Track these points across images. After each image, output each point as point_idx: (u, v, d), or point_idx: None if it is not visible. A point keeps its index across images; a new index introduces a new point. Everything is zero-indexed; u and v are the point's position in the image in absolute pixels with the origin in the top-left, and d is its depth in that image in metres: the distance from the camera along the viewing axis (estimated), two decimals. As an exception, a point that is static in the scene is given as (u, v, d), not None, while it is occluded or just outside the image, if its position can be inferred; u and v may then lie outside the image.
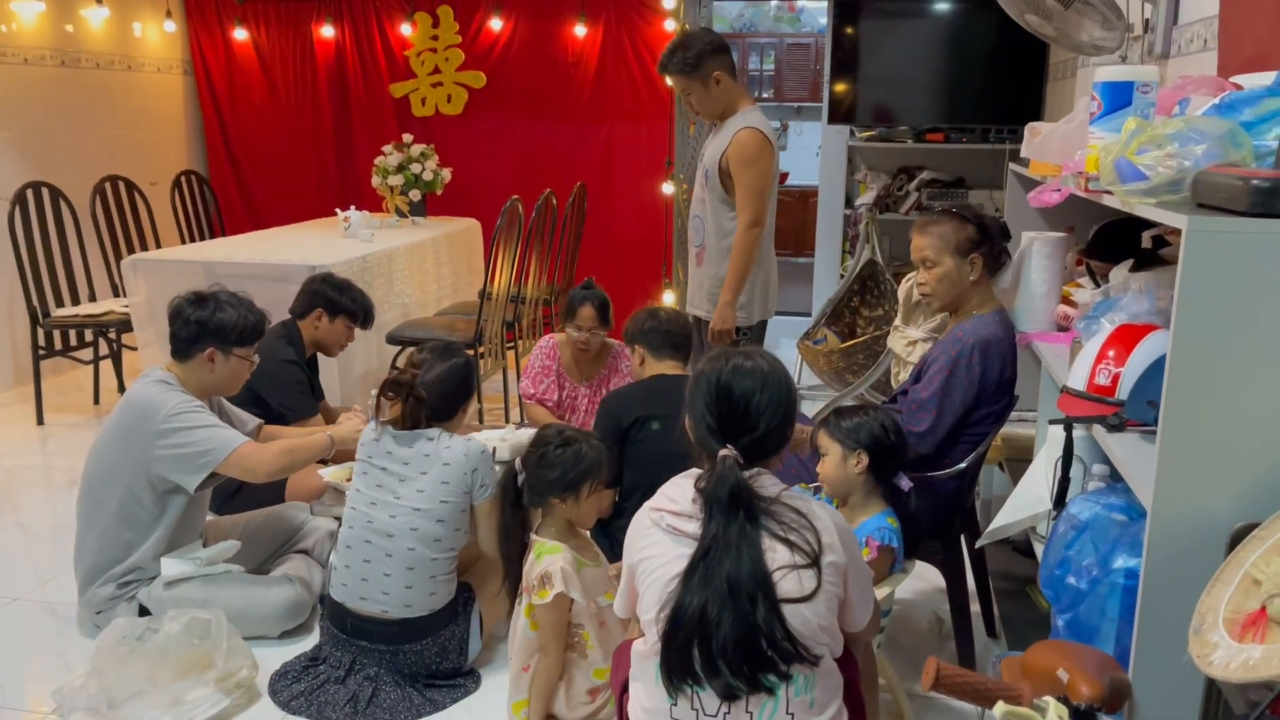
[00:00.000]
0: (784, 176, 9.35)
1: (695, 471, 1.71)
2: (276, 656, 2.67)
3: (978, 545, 2.64)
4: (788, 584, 1.59)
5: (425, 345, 2.71)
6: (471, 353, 4.59)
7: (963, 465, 2.50)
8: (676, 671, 1.60)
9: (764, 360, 1.73)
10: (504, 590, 2.46)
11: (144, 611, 2.74)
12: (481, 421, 4.47)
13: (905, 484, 2.34)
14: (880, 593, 2.10)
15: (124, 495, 2.74)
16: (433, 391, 2.58)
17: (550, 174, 5.99)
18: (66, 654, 2.76)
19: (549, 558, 2.28)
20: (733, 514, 1.61)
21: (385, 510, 2.52)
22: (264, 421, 3.09)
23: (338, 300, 3.56)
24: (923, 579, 3.07)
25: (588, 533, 2.53)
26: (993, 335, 2.51)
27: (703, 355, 2.44)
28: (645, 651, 1.68)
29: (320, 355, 3.68)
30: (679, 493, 1.70)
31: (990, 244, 2.57)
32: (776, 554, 1.60)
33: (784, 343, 5.38)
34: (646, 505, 1.74)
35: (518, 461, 2.42)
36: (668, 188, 5.51)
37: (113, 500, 2.75)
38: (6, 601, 3.05)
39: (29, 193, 4.75)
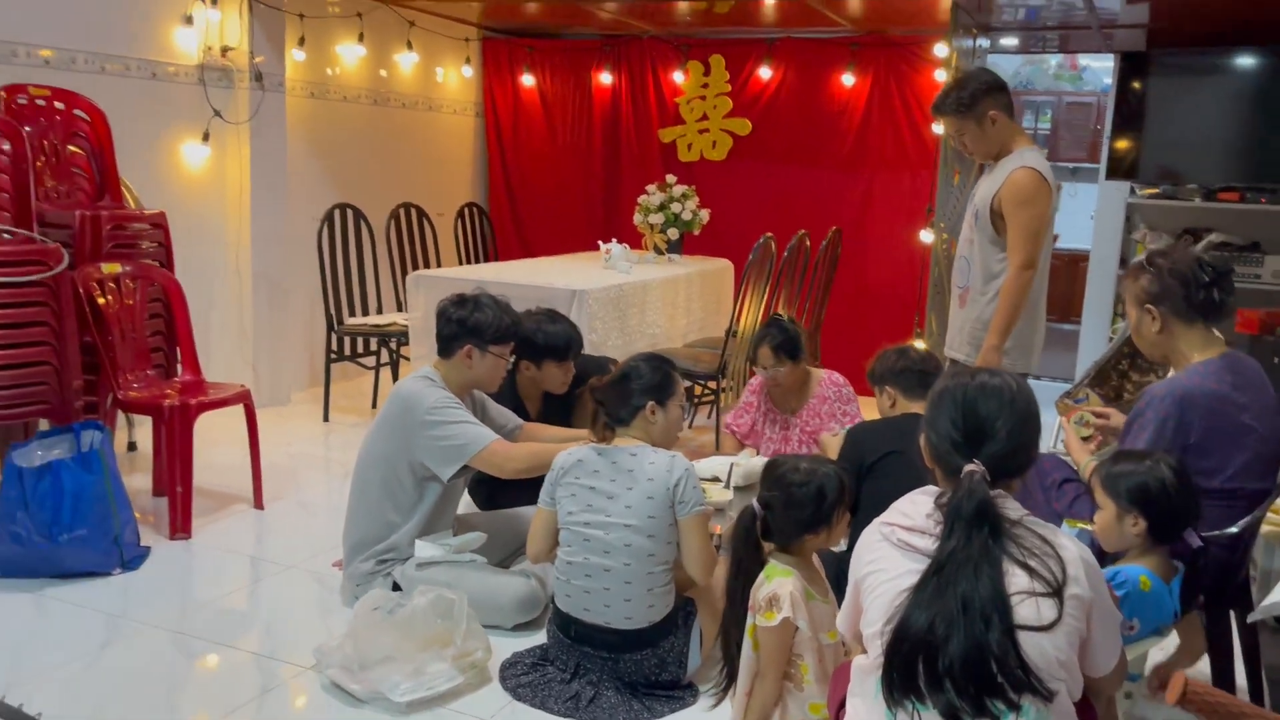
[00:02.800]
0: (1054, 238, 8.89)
1: (933, 489, 1.67)
2: (508, 647, 2.81)
3: (1249, 620, 2.39)
4: (1025, 610, 1.51)
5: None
6: (715, 385, 4.70)
7: (1233, 530, 2.28)
8: (898, 686, 1.56)
9: (1010, 378, 1.68)
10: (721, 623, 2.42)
11: (396, 588, 2.97)
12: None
13: (1194, 541, 2.14)
14: (1132, 652, 1.95)
15: (388, 479, 2.99)
16: (608, 396, 2.68)
17: (807, 220, 6.00)
18: (328, 618, 3.03)
19: (779, 580, 2.25)
20: (976, 530, 1.56)
21: (599, 528, 2.59)
22: (524, 424, 3.27)
23: (535, 343, 3.39)
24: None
25: (820, 566, 2.48)
26: (1195, 387, 2.28)
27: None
28: (866, 666, 1.65)
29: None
30: (913, 508, 1.67)
31: (1177, 293, 2.36)
32: (1015, 578, 1.54)
33: (1042, 409, 5.09)
34: (876, 520, 1.71)
35: (756, 504, 2.39)
36: (926, 236, 5.39)
37: (377, 483, 3.01)
38: (283, 568, 3.39)
39: (336, 213, 5.32)
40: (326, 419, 5.19)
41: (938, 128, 5.36)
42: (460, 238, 6.35)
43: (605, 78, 6.80)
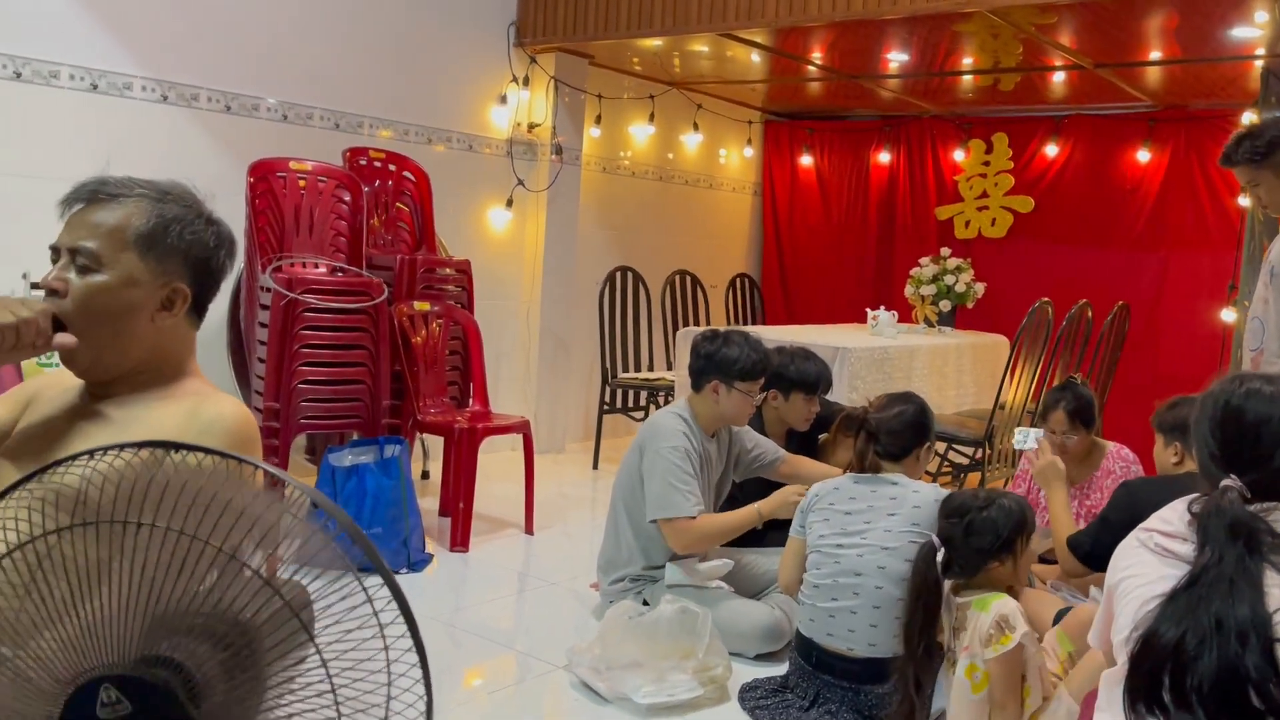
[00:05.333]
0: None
1: (1193, 495, 1.59)
2: (749, 673, 2.85)
3: None
4: None
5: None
6: (981, 453, 4.55)
7: None
8: (1142, 698, 1.48)
9: None
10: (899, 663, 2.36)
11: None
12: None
13: None
14: None
15: (630, 504, 3.15)
16: (884, 428, 2.66)
17: (1093, 299, 5.75)
18: (581, 628, 3.20)
19: (999, 602, 2.18)
20: (1229, 547, 1.47)
21: (853, 550, 2.60)
22: (786, 455, 3.34)
23: (787, 374, 3.45)
24: None
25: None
26: None
27: None
28: (1114, 677, 1.58)
29: None
30: (1173, 515, 1.59)
31: None
32: (1272, 596, 1.43)
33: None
34: (1137, 528, 1.65)
35: (934, 538, 2.35)
36: (1228, 314, 5.00)
37: (624, 507, 3.17)
38: (546, 585, 3.62)
39: (617, 275, 5.69)
40: (596, 466, 5.48)
41: (1244, 199, 5.00)
42: (730, 306, 6.57)
43: (883, 156, 6.88)
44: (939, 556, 2.28)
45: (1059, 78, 5.49)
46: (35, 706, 0.90)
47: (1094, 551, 2.65)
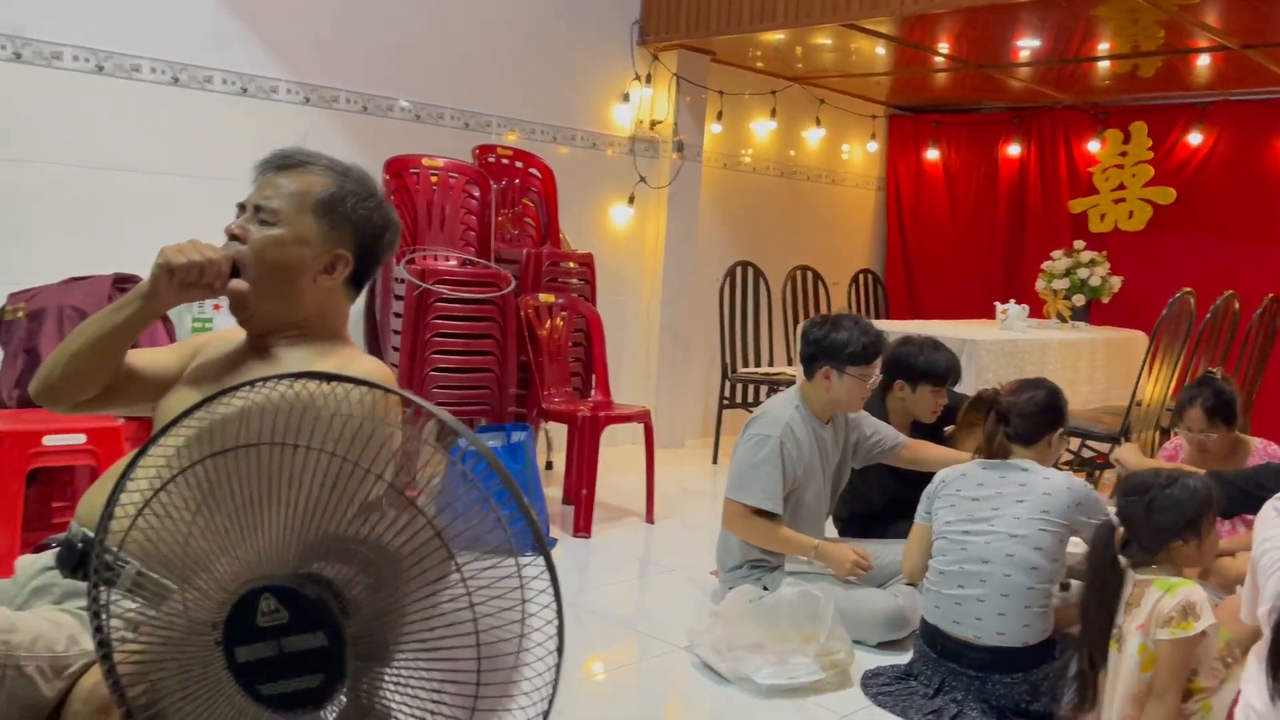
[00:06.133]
0: None
1: None
2: (871, 661, 2.82)
3: None
4: None
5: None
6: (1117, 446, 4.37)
7: None
8: (1285, 672, 1.42)
9: None
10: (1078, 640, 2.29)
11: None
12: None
13: None
14: None
15: None
16: (1015, 411, 2.59)
17: (1241, 293, 5.46)
18: (700, 611, 3.22)
19: (1187, 588, 2.09)
20: None
21: (980, 536, 2.55)
22: (907, 440, 3.29)
23: (915, 364, 3.38)
24: None
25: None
26: None
27: None
28: (1260, 650, 1.51)
29: None
30: None
31: None
32: None
33: None
34: (1273, 498, 1.58)
35: (1114, 516, 2.28)
36: (1393, 308, 4.69)
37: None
38: (666, 570, 3.66)
39: (738, 270, 5.70)
40: (715, 461, 5.49)
41: None
42: (852, 302, 6.50)
43: (1013, 149, 6.70)
44: (1117, 535, 2.22)
45: (1203, 61, 5.24)
46: (205, 612, 0.97)
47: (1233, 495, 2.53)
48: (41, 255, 3.52)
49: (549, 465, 5.08)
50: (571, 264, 4.57)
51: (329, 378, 1.00)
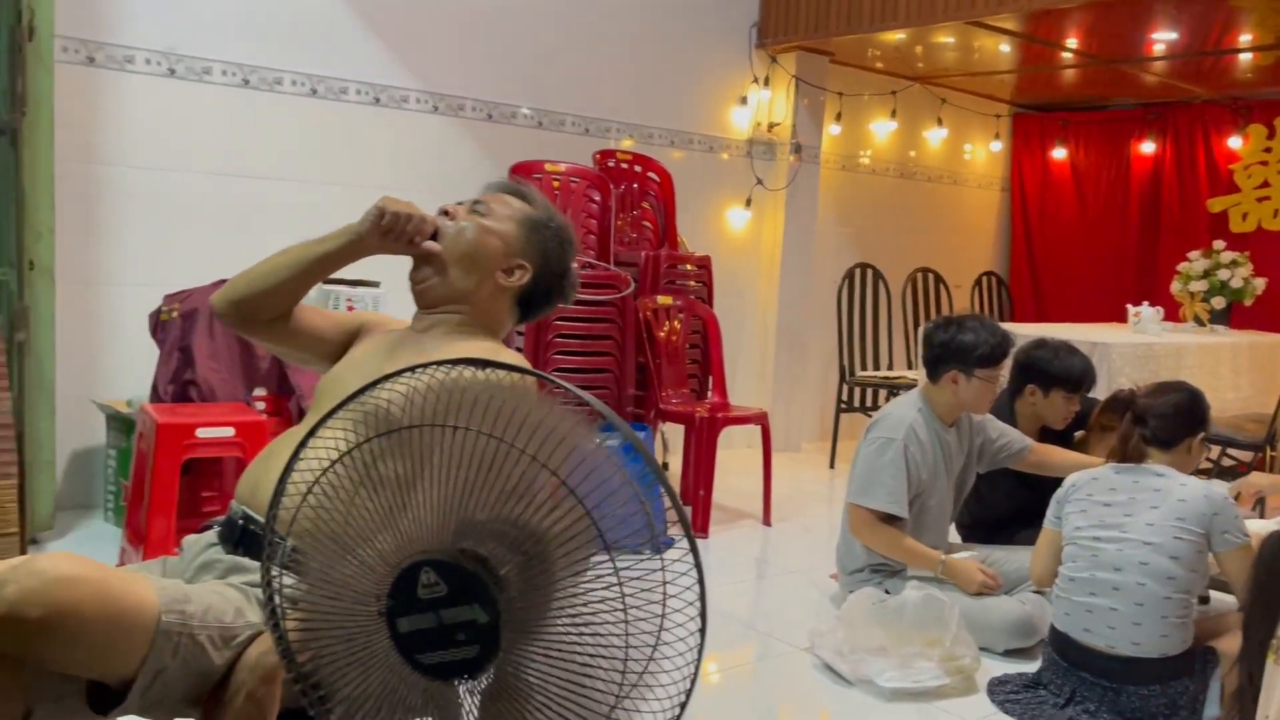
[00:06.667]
0: None
1: None
2: (998, 668, 2.76)
3: None
4: None
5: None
6: (1262, 454, 4.18)
7: None
8: None
9: None
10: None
11: (889, 595, 3.06)
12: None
13: None
14: None
15: None
16: (1153, 413, 2.49)
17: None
18: (820, 612, 3.20)
19: None
20: None
21: (1112, 544, 2.47)
22: (1034, 444, 3.21)
23: (1048, 369, 3.27)
24: None
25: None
26: None
27: None
28: None
29: None
30: None
31: None
32: None
33: None
34: None
35: None
36: None
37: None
38: (784, 572, 3.65)
39: (856, 272, 5.65)
40: (832, 466, 5.44)
41: None
42: (975, 305, 6.36)
43: (1146, 147, 6.45)
44: None
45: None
46: (369, 583, 1.04)
47: None
48: (192, 259, 3.73)
49: (665, 466, 5.12)
50: (689, 266, 4.60)
51: (485, 364, 1.05)
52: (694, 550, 1.01)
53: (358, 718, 1.12)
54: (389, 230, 1.56)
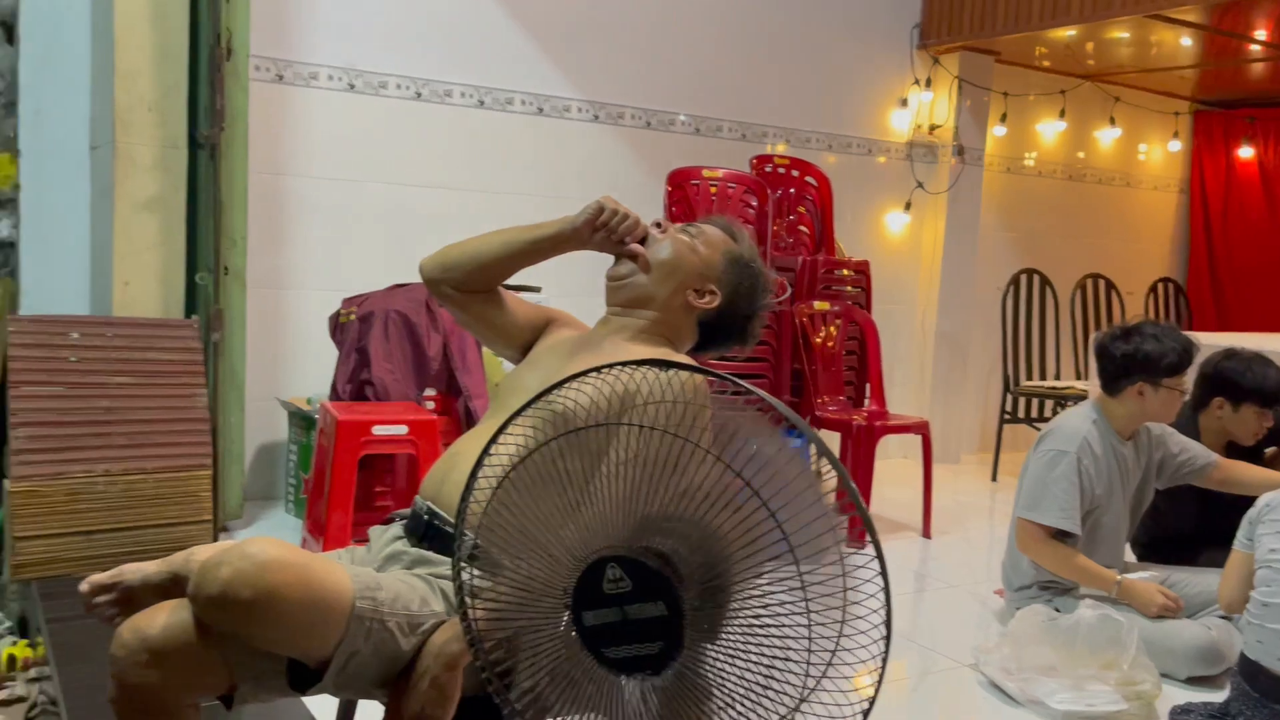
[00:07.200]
0: None
1: None
2: (1179, 696, 2.61)
3: None
4: None
5: None
6: None
7: None
8: None
9: None
10: None
11: (1058, 613, 2.93)
12: None
13: None
14: None
15: None
16: None
17: None
18: (984, 628, 3.11)
19: None
20: None
21: None
22: (1220, 459, 3.03)
23: (1240, 382, 3.08)
24: None
25: None
26: None
27: None
28: None
29: None
30: None
31: None
32: None
33: None
34: None
35: None
36: None
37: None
38: (946, 586, 3.56)
39: (1021, 278, 5.45)
40: (995, 479, 5.26)
41: None
42: (1151, 312, 6.04)
43: (1347, 144, 5.99)
44: None
45: None
46: (557, 578, 1.07)
47: None
48: (368, 264, 3.92)
49: (819, 475, 5.06)
50: (846, 271, 4.54)
51: (668, 365, 1.07)
52: (879, 556, 1.00)
53: (538, 706, 1.16)
54: (603, 226, 1.62)
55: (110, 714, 1.39)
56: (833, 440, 4.74)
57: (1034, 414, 5.41)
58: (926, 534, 4.11)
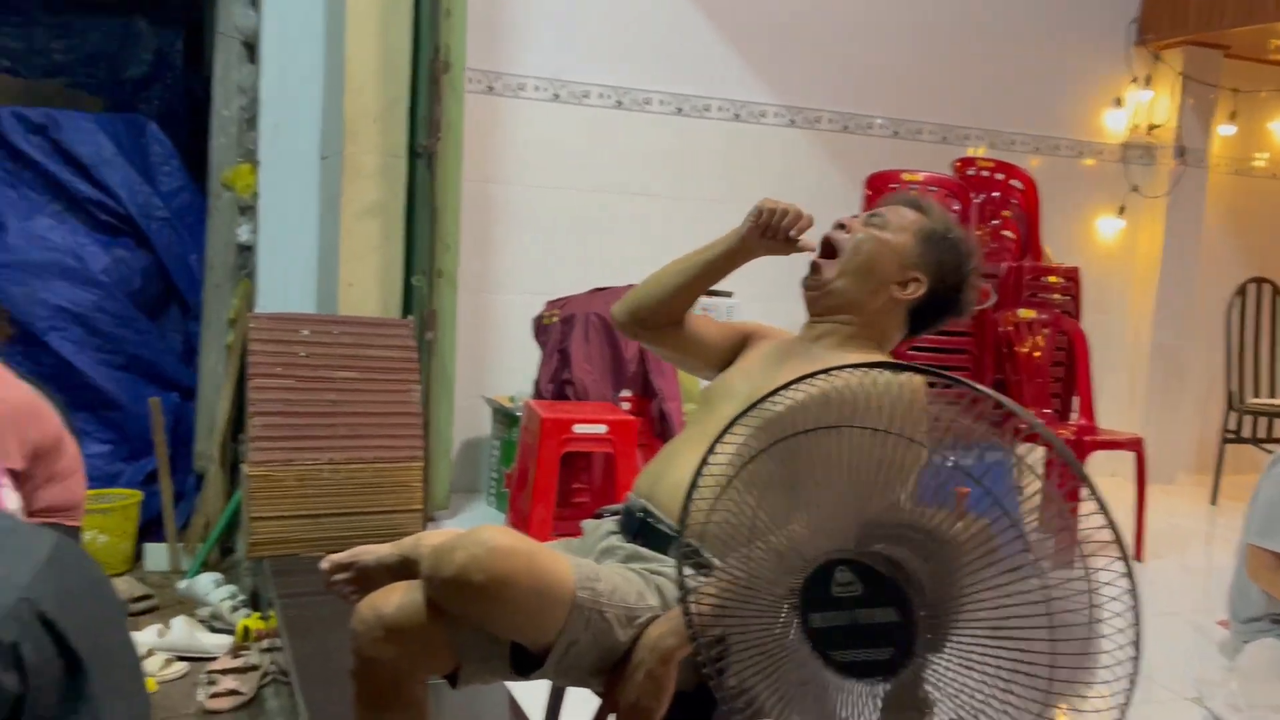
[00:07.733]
0: None
1: None
2: None
3: None
4: None
5: None
6: None
7: None
8: None
9: None
10: None
11: (1296, 650, 2.70)
12: None
13: None
14: None
15: None
16: None
17: None
18: (1206, 660, 2.89)
19: None
20: None
21: None
22: None
23: None
24: None
25: None
26: None
27: None
28: None
29: None
30: None
31: None
32: None
33: None
34: None
35: None
36: None
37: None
38: (1163, 615, 3.35)
39: (1250, 288, 5.05)
40: (1214, 502, 4.90)
41: None
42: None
43: None
44: None
45: None
46: (785, 579, 1.07)
47: None
48: (569, 269, 4.05)
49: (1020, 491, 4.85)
50: (1054, 279, 4.33)
51: (883, 366, 1.06)
52: (1130, 573, 0.96)
53: (754, 702, 1.16)
54: (767, 227, 1.60)
55: (338, 682, 1.48)
56: (1036, 454, 4.54)
57: (1263, 433, 5.01)
58: (1139, 556, 3.88)
